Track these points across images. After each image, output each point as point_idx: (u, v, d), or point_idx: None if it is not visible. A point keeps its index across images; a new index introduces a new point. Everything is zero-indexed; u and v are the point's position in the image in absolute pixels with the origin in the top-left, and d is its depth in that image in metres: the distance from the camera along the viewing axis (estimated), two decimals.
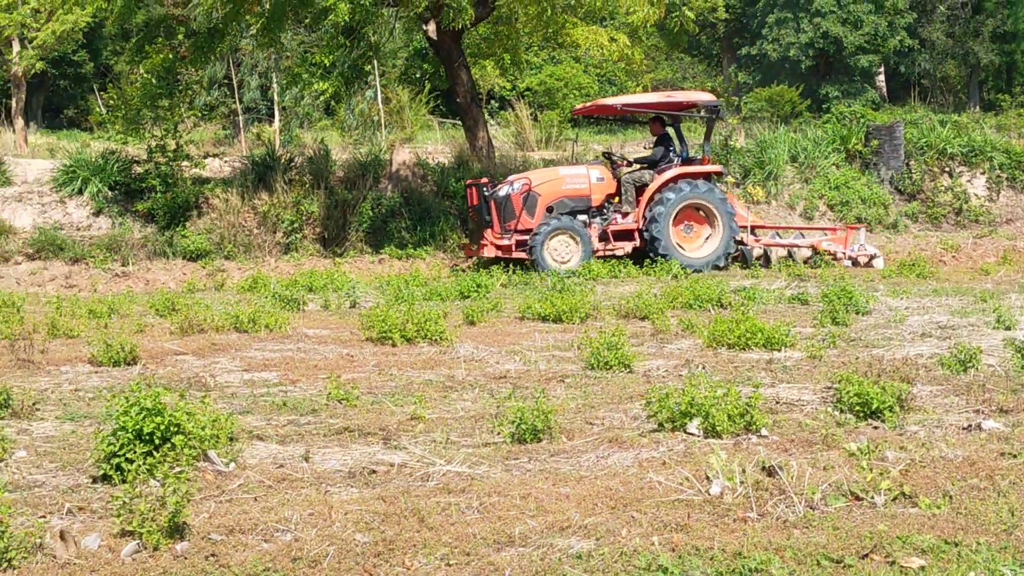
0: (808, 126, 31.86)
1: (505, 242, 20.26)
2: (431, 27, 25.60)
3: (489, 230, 20.48)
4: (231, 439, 7.48)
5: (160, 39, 26.09)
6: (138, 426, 6.75)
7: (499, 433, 7.85)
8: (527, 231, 20.25)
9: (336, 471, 7.02)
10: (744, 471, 6.40)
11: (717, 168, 21.49)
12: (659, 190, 20.44)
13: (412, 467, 7.07)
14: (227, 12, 24.08)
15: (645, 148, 26.32)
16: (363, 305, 15.76)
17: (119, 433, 6.78)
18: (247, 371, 10.71)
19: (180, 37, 26.05)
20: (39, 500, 6.42)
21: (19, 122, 40.76)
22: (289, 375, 10.42)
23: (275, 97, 39.46)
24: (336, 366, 10.84)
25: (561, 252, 19.93)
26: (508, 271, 19.41)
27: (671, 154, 21.24)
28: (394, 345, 12.07)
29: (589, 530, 5.76)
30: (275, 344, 12.33)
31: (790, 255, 21.19)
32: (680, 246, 20.37)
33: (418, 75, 43.36)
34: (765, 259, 21.27)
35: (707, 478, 6.42)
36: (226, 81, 40.75)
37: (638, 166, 21.65)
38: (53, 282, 20.73)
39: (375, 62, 29.23)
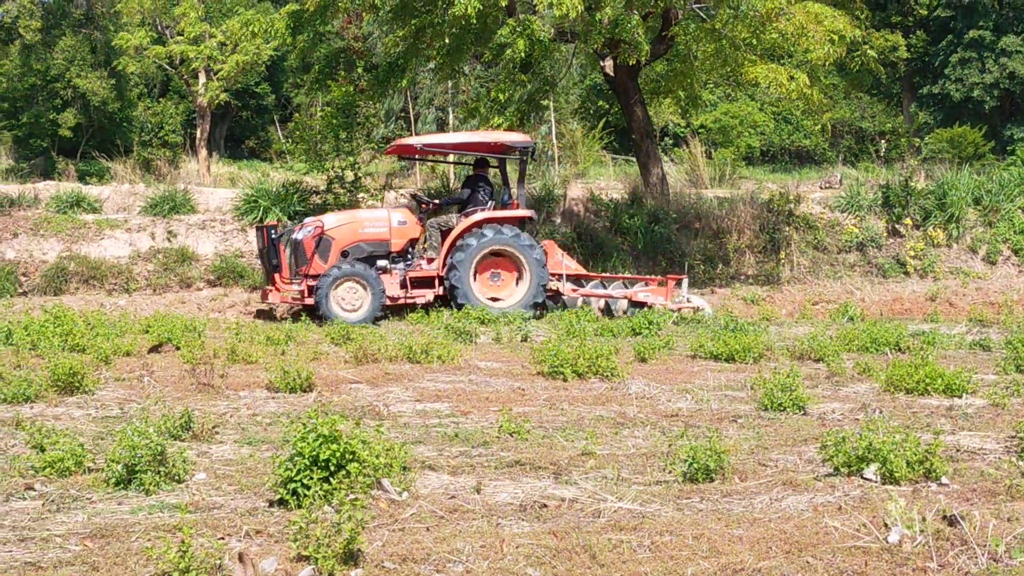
0: (992, 168, 31.09)
1: (295, 288, 19.06)
2: (608, 63, 25.69)
3: (277, 275, 19.25)
4: (404, 468, 7.53)
5: (340, 72, 26.61)
6: (315, 452, 6.84)
7: (670, 471, 7.79)
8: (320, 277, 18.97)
9: (507, 504, 7.03)
10: (924, 519, 6.23)
11: (527, 213, 20.10)
12: (462, 236, 19.24)
13: (583, 503, 7.04)
14: (407, 47, 24.46)
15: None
16: (535, 339, 15.80)
17: (296, 459, 6.88)
18: (419, 401, 10.81)
19: (360, 70, 26.52)
20: (218, 522, 6.54)
21: (203, 152, 41.92)
22: (461, 407, 10.48)
23: (451, 130, 39.88)
24: (507, 399, 10.87)
25: (350, 300, 18.56)
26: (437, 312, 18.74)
27: (481, 197, 20.07)
28: (565, 380, 12.07)
29: (763, 574, 5.67)
30: (447, 375, 12.42)
31: (607, 307, 20.08)
32: (483, 295, 19.19)
33: (592, 110, 43.50)
34: (607, 310, 20.17)
35: (885, 525, 6.27)
36: (403, 114, 41.36)
37: (448, 209, 20.64)
38: (233, 308, 21.22)
39: (551, 97, 29.40)
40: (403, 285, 19.24)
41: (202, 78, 42.48)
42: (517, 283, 19.33)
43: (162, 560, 5.46)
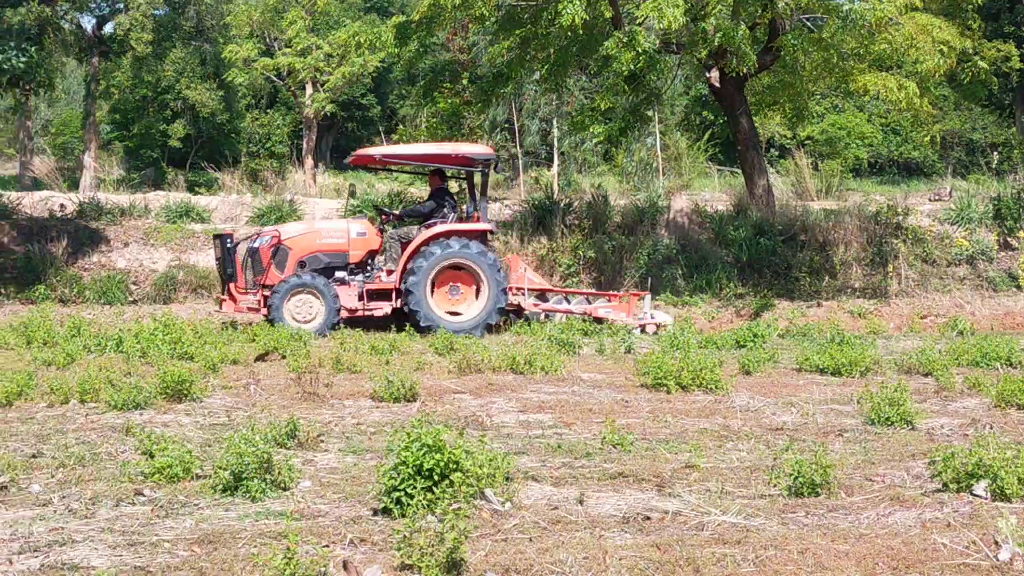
0: None
1: (251, 298, 18.66)
2: (714, 74, 25.57)
3: (232, 284, 18.78)
4: (507, 479, 7.53)
5: (446, 84, 26.78)
6: (418, 462, 6.86)
7: (775, 485, 7.70)
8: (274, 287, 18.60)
9: (610, 516, 7.00)
10: None
11: (487, 226, 19.46)
12: (414, 255, 18.69)
13: (686, 516, 6.99)
14: (512, 58, 24.54)
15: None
16: (638, 351, 15.74)
17: (400, 468, 6.91)
18: (522, 412, 10.81)
19: (465, 82, 26.67)
20: (323, 529, 6.59)
21: (308, 162, 42.38)
22: (564, 418, 10.46)
23: (555, 142, 39.93)
24: (610, 411, 10.82)
25: (303, 311, 18.11)
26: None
27: (445, 209, 19.57)
28: (669, 392, 12.00)
29: None
30: (550, 387, 12.41)
31: (567, 322, 19.22)
32: (441, 309, 18.66)
33: (698, 122, 43.31)
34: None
35: (995, 543, 6.14)
36: (507, 125, 41.46)
37: (411, 221, 20.10)
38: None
39: (655, 108, 29.33)
40: (361, 297, 18.83)
41: (309, 89, 42.96)
42: (476, 297, 18.81)
43: (268, 567, 5.51)
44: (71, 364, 13.62)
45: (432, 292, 18.45)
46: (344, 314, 18.42)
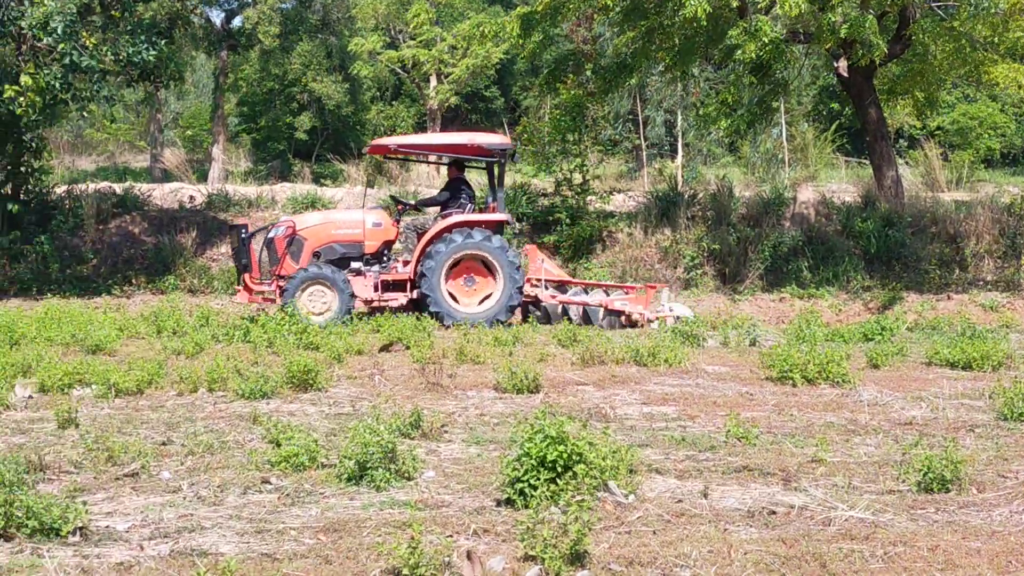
0: None
1: (265, 288, 18.54)
2: (842, 64, 25.21)
3: (247, 275, 18.56)
4: (630, 471, 7.49)
5: (569, 75, 26.71)
6: (542, 453, 6.85)
7: (904, 481, 7.57)
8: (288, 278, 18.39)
9: (735, 509, 6.93)
10: None
11: (502, 217, 19.02)
12: (434, 239, 18.38)
13: (812, 510, 6.90)
14: (636, 48, 24.43)
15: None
16: (763, 343, 15.58)
17: (523, 459, 6.91)
18: (646, 404, 10.75)
19: (588, 73, 26.58)
20: (446, 520, 6.61)
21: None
22: (688, 410, 10.39)
23: (679, 133, 39.70)
24: (735, 404, 10.73)
25: (317, 302, 17.80)
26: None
27: (463, 199, 19.25)
28: (794, 385, 11.85)
29: None
30: (674, 379, 12.33)
31: (586, 315, 18.77)
32: (456, 299, 18.25)
33: (825, 112, 42.75)
34: (586, 318, 18.81)
35: None
36: (631, 116, 41.34)
37: (427, 211, 19.93)
38: None
39: (782, 99, 29.01)
40: (377, 288, 18.53)
41: (433, 81, 43.24)
42: (489, 290, 18.41)
43: (392, 555, 5.55)
44: (200, 353, 13.85)
45: (447, 281, 18.20)
46: (359, 305, 18.33)
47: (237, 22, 46.06)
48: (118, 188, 27.10)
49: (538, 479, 6.80)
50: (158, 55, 21.47)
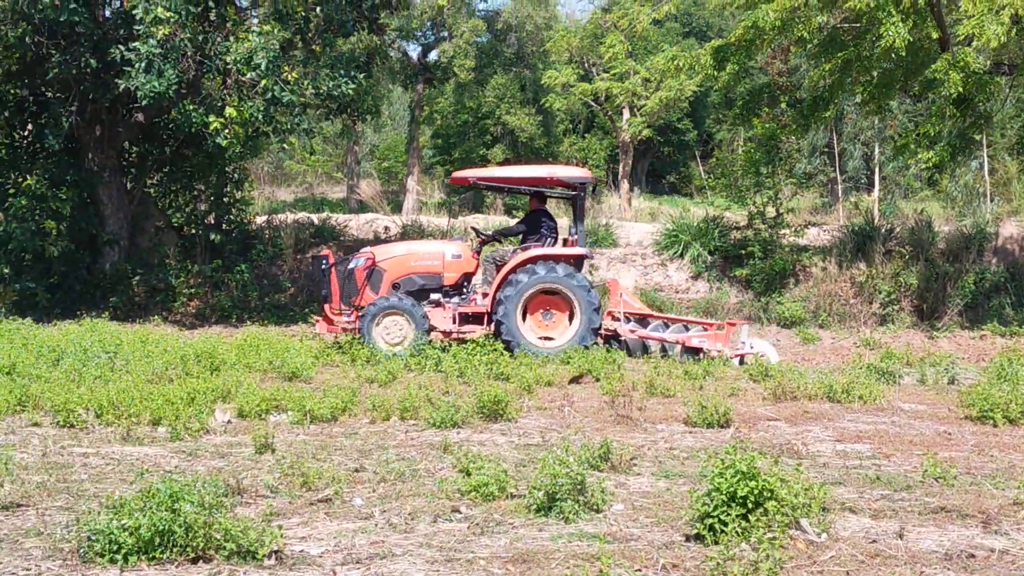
0: None
1: (345, 319, 18.44)
2: None
3: (328, 306, 18.72)
4: (823, 509, 7.35)
5: (763, 108, 26.47)
6: (732, 488, 6.77)
7: None
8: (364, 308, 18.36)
9: (931, 552, 6.75)
10: None
11: (582, 251, 18.59)
12: (513, 271, 18.11)
13: (1014, 554, 6.68)
14: (833, 80, 24.09)
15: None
16: (962, 382, 15.17)
17: (713, 494, 6.84)
18: (839, 441, 10.56)
19: (783, 105, 26.31)
20: (635, 553, 6.58)
21: (624, 186, 42.66)
22: (883, 449, 10.17)
23: (876, 166, 39.01)
24: (932, 443, 10.46)
25: (393, 333, 17.67)
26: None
27: (543, 231, 18.88)
28: (995, 425, 11.50)
29: None
30: (868, 416, 12.09)
31: (664, 350, 18.02)
32: (533, 333, 17.89)
33: None
34: (664, 352, 18.02)
35: None
36: (827, 150, 40.75)
37: (508, 242, 19.45)
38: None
39: (984, 132, 28.30)
40: (455, 320, 18.37)
41: (626, 114, 43.28)
42: (569, 323, 18.06)
43: None
44: (392, 382, 14.07)
45: (525, 317, 17.98)
46: (438, 337, 18.15)
47: (433, 56, 46.87)
48: (316, 218, 27.76)
49: (728, 515, 6.72)
50: (356, 89, 21.91)
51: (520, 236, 19.23)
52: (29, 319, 19.06)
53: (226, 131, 19.97)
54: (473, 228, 22.15)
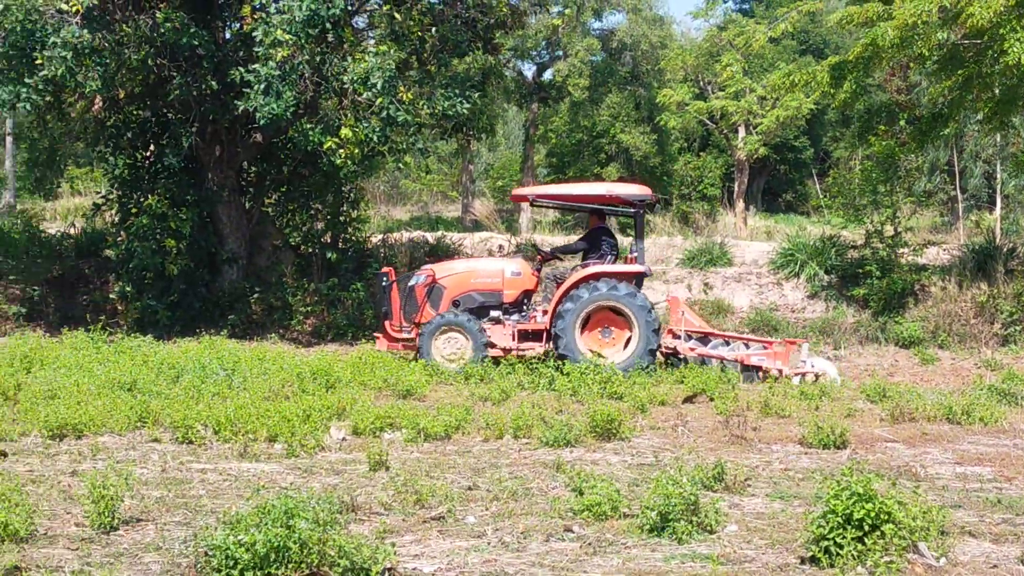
0: None
1: (405, 335, 18.57)
2: None
3: (388, 322, 18.81)
4: (942, 533, 7.23)
5: (881, 126, 26.14)
6: (848, 511, 6.69)
7: None
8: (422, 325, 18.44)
9: None
10: None
11: (640, 268, 18.39)
12: (574, 287, 17.91)
13: None
14: (953, 97, 23.72)
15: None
16: None
17: (829, 516, 6.76)
18: (959, 464, 10.40)
19: (901, 123, 25.96)
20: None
21: (739, 205, 42.36)
22: (1004, 472, 9.98)
23: (998, 184, 38.31)
24: None
25: (450, 349, 17.77)
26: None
27: (604, 249, 18.75)
28: None
29: None
30: (989, 438, 11.87)
31: (722, 368, 17.40)
32: (589, 349, 17.59)
33: None
34: (723, 370, 17.32)
35: None
36: (947, 167, 40.12)
37: (571, 260, 19.42)
38: None
39: None
40: (515, 337, 18.41)
41: (741, 132, 43.00)
42: (627, 342, 17.89)
43: None
44: (506, 400, 14.10)
45: (583, 333, 17.86)
46: (498, 353, 18.14)
47: (548, 75, 46.96)
48: (430, 237, 27.93)
49: (844, 538, 6.63)
50: (471, 108, 22.03)
51: (581, 254, 19.24)
52: (150, 336, 19.40)
53: (342, 151, 20.18)
54: (533, 246, 22.23)
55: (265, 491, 8.74)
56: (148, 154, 23.88)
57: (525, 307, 18.88)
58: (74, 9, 19.14)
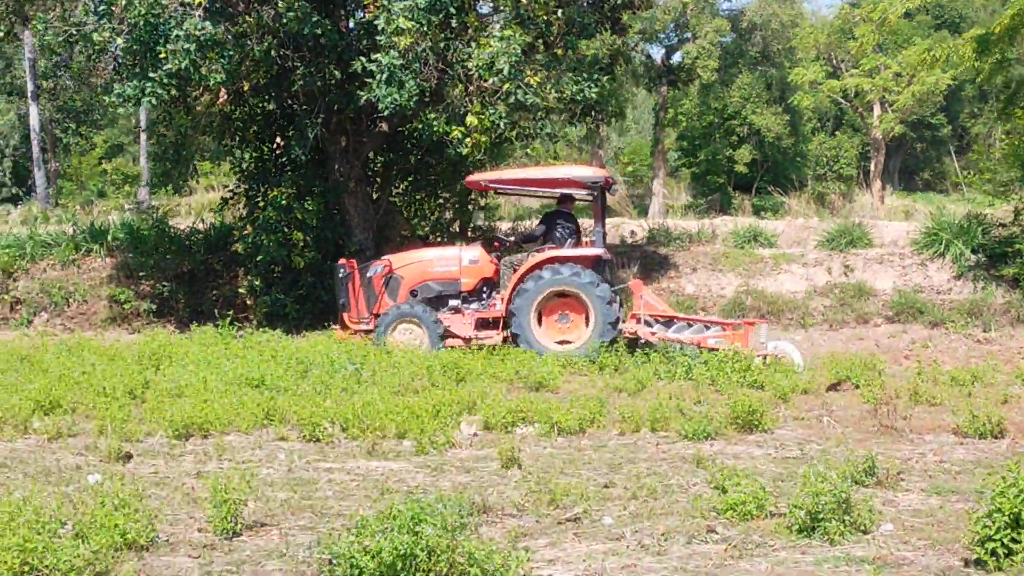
0: None
1: (364, 326, 18.57)
2: None
3: (346, 314, 18.85)
4: None
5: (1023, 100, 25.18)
6: (1016, 510, 6.17)
7: None
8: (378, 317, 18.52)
9: None
10: None
11: (596, 251, 18.20)
12: (522, 279, 17.81)
13: None
14: None
15: None
16: None
17: (994, 515, 6.27)
18: None
19: None
20: None
21: (876, 184, 41.43)
22: None
23: None
24: None
25: (407, 340, 17.62)
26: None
27: (559, 234, 18.64)
28: None
29: None
30: None
31: (682, 350, 16.84)
32: (550, 338, 17.59)
33: None
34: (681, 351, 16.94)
35: None
36: None
37: (529, 247, 19.04)
38: (913, 345, 20.41)
39: None
40: (475, 325, 18.37)
41: (877, 110, 42.05)
42: (586, 324, 17.68)
43: None
44: (642, 391, 13.66)
45: (541, 320, 17.74)
46: (458, 343, 17.95)
47: (677, 58, 46.35)
48: None
49: (1018, 540, 6.10)
50: (600, 92, 21.64)
51: (541, 240, 19.07)
52: (279, 330, 19.30)
53: (468, 140, 19.89)
54: (493, 236, 22.18)
55: (392, 493, 8.43)
56: (274, 147, 23.85)
57: (484, 295, 18.84)
58: (197, 2, 19.08)
